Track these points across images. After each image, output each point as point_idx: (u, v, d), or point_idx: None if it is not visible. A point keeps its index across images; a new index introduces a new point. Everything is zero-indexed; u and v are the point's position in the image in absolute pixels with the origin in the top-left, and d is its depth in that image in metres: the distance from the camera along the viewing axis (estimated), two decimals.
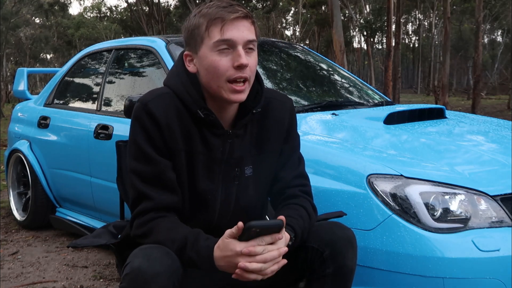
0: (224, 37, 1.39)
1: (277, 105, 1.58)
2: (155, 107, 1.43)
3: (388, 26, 15.48)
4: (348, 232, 1.50)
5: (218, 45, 1.40)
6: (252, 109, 1.50)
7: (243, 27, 1.40)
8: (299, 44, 3.99)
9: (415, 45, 47.43)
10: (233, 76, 1.40)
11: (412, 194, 1.78)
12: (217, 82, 1.41)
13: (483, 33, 27.25)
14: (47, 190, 3.64)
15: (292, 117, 1.61)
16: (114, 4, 76.28)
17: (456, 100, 24.27)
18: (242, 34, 1.40)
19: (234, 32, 1.39)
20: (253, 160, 1.54)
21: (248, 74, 1.42)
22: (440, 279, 1.68)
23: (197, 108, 1.45)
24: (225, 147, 1.49)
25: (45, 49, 44.89)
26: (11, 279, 2.89)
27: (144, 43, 3.14)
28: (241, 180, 1.53)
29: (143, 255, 1.32)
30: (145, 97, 1.47)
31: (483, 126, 2.71)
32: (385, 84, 15.04)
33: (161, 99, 1.46)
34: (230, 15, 1.39)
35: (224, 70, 1.40)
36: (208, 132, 1.48)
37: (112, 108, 3.19)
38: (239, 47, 1.39)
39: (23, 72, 4.32)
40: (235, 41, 1.39)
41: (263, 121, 1.55)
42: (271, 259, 1.30)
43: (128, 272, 1.30)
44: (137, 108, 1.46)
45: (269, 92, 1.60)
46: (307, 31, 38.88)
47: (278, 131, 1.57)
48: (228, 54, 1.40)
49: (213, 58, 1.40)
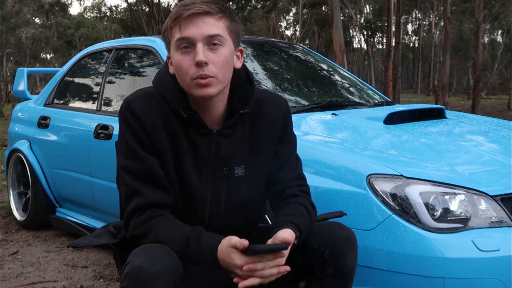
0: (182, 35, 1.39)
1: (271, 106, 1.58)
2: (138, 106, 1.45)
3: (388, 26, 15.48)
4: (348, 232, 1.50)
5: (179, 44, 1.40)
6: (239, 110, 1.50)
7: (202, 23, 1.39)
8: (299, 44, 3.99)
9: (415, 45, 47.44)
10: (195, 74, 1.39)
11: (412, 194, 1.78)
12: (185, 81, 1.42)
13: (483, 33, 27.25)
14: (47, 190, 3.64)
15: (287, 118, 1.60)
16: (114, 4, 76.28)
17: (456, 100, 24.27)
18: (201, 30, 1.38)
19: (192, 29, 1.38)
20: (246, 160, 1.53)
21: (211, 71, 1.39)
22: (440, 279, 1.68)
23: (179, 108, 1.46)
24: (210, 146, 1.49)
25: (45, 49, 44.90)
26: (11, 279, 2.89)
27: (144, 43, 3.15)
28: (230, 180, 1.52)
29: (144, 254, 1.32)
30: (130, 96, 1.49)
31: (483, 126, 2.71)
32: (385, 84, 15.04)
33: (145, 98, 1.47)
34: (186, 12, 1.38)
35: (186, 69, 1.40)
36: (193, 131, 1.48)
37: (112, 108, 3.19)
38: (198, 44, 1.38)
39: (23, 72, 4.32)
40: (192, 38, 1.38)
41: (256, 121, 1.55)
42: (269, 276, 1.33)
43: (129, 271, 1.30)
44: (122, 107, 1.48)
45: (263, 93, 1.60)
46: (307, 31, 38.89)
47: (272, 132, 1.57)
48: (190, 52, 1.39)
49: (177, 58, 1.41)
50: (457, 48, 36.88)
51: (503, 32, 38.55)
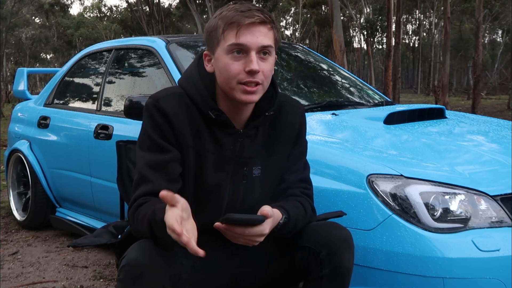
0: (238, 41, 1.41)
1: (289, 109, 1.62)
2: (166, 103, 1.47)
3: (388, 26, 15.49)
4: (344, 232, 1.51)
5: (231, 49, 1.42)
6: (265, 112, 1.52)
7: (258, 32, 1.42)
8: (299, 44, 3.99)
9: (415, 45, 47.43)
10: (244, 80, 1.42)
11: (412, 194, 1.78)
12: (229, 84, 1.44)
13: (483, 33, 27.24)
14: (47, 190, 3.64)
15: (303, 123, 1.64)
16: (114, 4, 76.28)
17: (456, 100, 24.27)
18: (257, 40, 1.41)
19: (249, 37, 1.41)
20: (263, 161, 1.56)
21: (260, 79, 1.43)
22: (440, 279, 1.68)
23: (208, 109, 1.48)
24: (235, 146, 1.51)
25: (45, 49, 44.89)
26: (11, 279, 2.89)
27: (144, 43, 3.14)
28: (248, 180, 1.55)
29: (139, 248, 1.34)
30: (158, 94, 1.51)
31: (483, 126, 2.71)
32: (385, 84, 15.04)
33: (172, 97, 1.49)
34: (245, 20, 1.40)
35: (235, 73, 1.42)
36: (219, 131, 1.50)
37: (112, 108, 3.19)
38: (252, 53, 1.41)
39: (23, 72, 4.32)
40: (248, 46, 1.41)
41: (275, 124, 1.58)
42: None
43: (125, 264, 1.32)
44: (148, 103, 1.49)
45: (283, 97, 1.63)
46: (307, 31, 38.89)
47: (289, 135, 1.60)
48: (241, 58, 1.42)
49: (227, 61, 1.43)
50: (457, 48, 36.87)
51: (503, 32, 38.56)
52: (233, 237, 1.35)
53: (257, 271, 1.57)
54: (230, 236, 1.35)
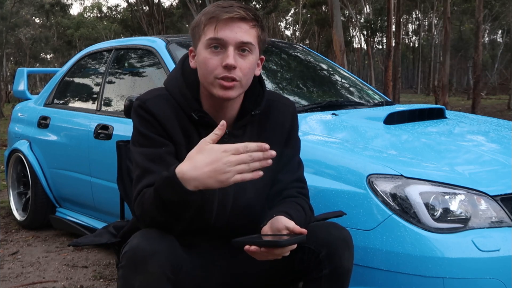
0: (216, 35, 1.41)
1: (280, 108, 1.60)
2: (152, 105, 1.47)
3: (388, 26, 15.48)
4: (344, 232, 1.50)
5: (210, 43, 1.42)
6: (251, 111, 1.52)
7: (237, 28, 1.42)
8: (299, 44, 3.99)
9: (415, 45, 47.43)
10: (221, 75, 1.42)
11: (412, 194, 1.78)
12: (207, 79, 1.44)
13: (483, 33, 27.27)
14: (47, 190, 3.64)
15: (294, 121, 1.63)
16: (115, 4, 76.30)
17: (456, 100, 24.27)
18: (235, 35, 1.41)
19: (227, 32, 1.41)
20: None
21: (238, 75, 1.42)
22: (440, 279, 1.68)
23: (191, 110, 1.48)
24: None
25: (45, 49, 44.89)
26: (11, 279, 2.89)
27: (144, 43, 3.14)
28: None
29: (142, 235, 1.35)
30: (144, 96, 1.51)
31: (483, 126, 2.71)
32: (385, 84, 15.04)
33: (159, 99, 1.49)
34: (224, 15, 1.41)
35: (212, 68, 1.42)
36: (205, 132, 1.48)
37: (112, 108, 3.19)
38: (229, 47, 1.41)
39: (23, 72, 4.32)
40: (225, 41, 1.41)
41: (264, 123, 1.57)
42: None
43: (127, 250, 1.33)
44: (135, 105, 1.49)
45: (272, 95, 1.62)
46: (307, 31, 38.89)
47: (279, 134, 1.59)
48: (219, 53, 1.42)
49: (205, 55, 1.44)
50: (457, 48, 36.86)
51: (503, 32, 38.56)
52: (262, 256, 1.36)
53: (256, 271, 1.57)
54: (259, 256, 1.36)
